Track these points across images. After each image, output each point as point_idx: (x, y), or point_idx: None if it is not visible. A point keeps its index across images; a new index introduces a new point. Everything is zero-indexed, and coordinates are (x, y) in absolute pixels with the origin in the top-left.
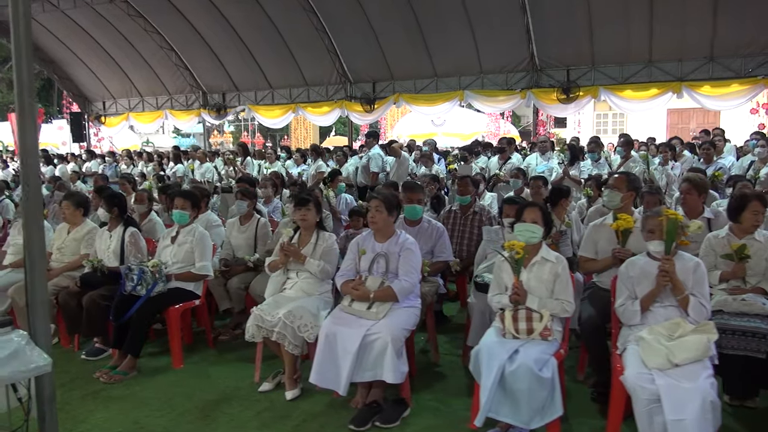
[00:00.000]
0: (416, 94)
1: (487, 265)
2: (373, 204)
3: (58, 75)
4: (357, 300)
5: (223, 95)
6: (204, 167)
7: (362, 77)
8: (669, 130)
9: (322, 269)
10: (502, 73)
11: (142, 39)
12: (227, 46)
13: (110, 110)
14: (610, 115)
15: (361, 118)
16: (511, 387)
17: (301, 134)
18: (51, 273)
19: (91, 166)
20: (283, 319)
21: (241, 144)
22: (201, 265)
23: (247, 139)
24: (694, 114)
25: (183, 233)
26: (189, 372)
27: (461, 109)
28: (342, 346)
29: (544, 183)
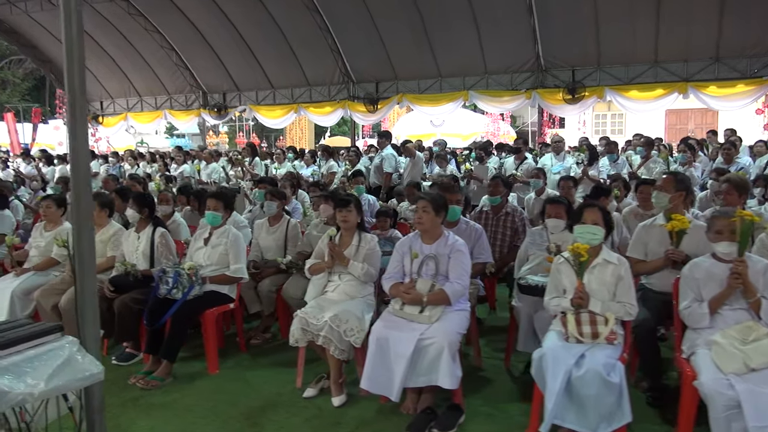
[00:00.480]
0: (420, 94)
1: (530, 267)
2: (420, 205)
3: (54, 74)
4: (409, 303)
5: (223, 95)
6: (210, 167)
7: (365, 77)
8: (667, 131)
9: (366, 272)
10: (507, 73)
11: (142, 38)
12: (228, 45)
13: (108, 110)
14: (609, 116)
15: (364, 118)
16: (578, 393)
17: (296, 134)
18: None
19: (92, 166)
20: (329, 323)
21: (250, 144)
22: (236, 267)
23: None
24: (693, 114)
25: (216, 235)
26: (226, 377)
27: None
28: (394, 351)
29: (574, 183)
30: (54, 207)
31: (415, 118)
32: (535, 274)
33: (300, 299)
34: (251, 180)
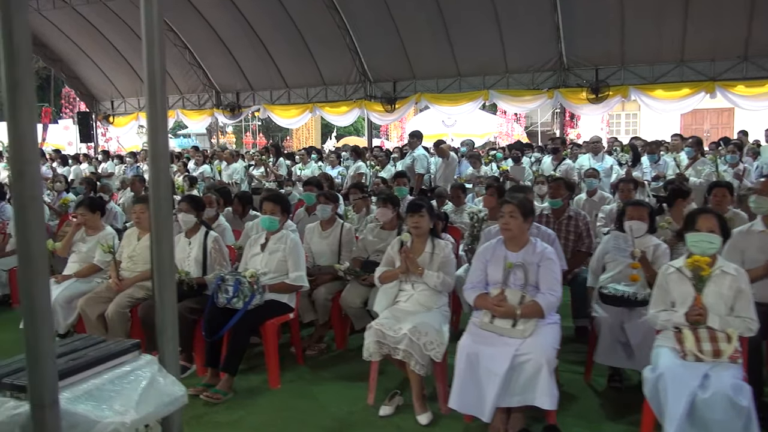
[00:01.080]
0: (439, 93)
1: (612, 275)
2: (506, 209)
3: (65, 73)
4: (500, 317)
5: (237, 94)
6: (231, 168)
7: (382, 76)
8: (683, 131)
9: (443, 282)
10: (528, 72)
11: None
12: (243, 44)
13: (119, 110)
14: (623, 116)
15: (381, 118)
16: (703, 417)
17: (303, 134)
18: (123, 283)
19: (107, 167)
20: (409, 336)
21: (274, 144)
22: (296, 275)
23: (249, 140)
24: (708, 115)
25: (273, 240)
26: (290, 393)
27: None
28: (486, 368)
29: (635, 185)
30: (89, 213)
31: (426, 118)
32: (617, 282)
33: (359, 308)
34: (275, 181)
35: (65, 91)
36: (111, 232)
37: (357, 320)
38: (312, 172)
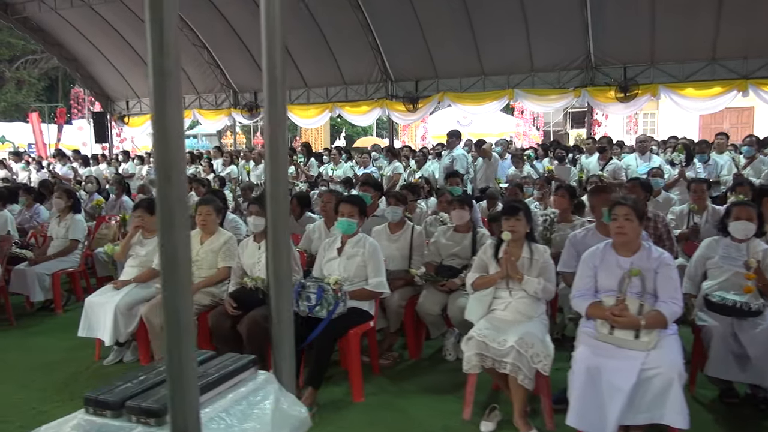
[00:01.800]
0: (462, 92)
1: (719, 282)
2: (621, 212)
3: (80, 73)
4: (621, 328)
5: (254, 94)
6: (260, 169)
7: (404, 75)
8: (701, 131)
9: (544, 288)
10: (554, 71)
11: None
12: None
13: (134, 110)
14: (641, 115)
15: (403, 117)
16: None
17: (312, 134)
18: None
19: (128, 167)
20: (517, 348)
21: (305, 144)
22: (377, 281)
23: (260, 140)
24: (728, 114)
25: (351, 244)
26: (377, 407)
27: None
28: (609, 383)
29: (708, 186)
30: (147, 215)
31: (441, 117)
32: (726, 290)
33: (438, 315)
34: (306, 181)
35: (74, 91)
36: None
37: (434, 328)
38: (344, 172)
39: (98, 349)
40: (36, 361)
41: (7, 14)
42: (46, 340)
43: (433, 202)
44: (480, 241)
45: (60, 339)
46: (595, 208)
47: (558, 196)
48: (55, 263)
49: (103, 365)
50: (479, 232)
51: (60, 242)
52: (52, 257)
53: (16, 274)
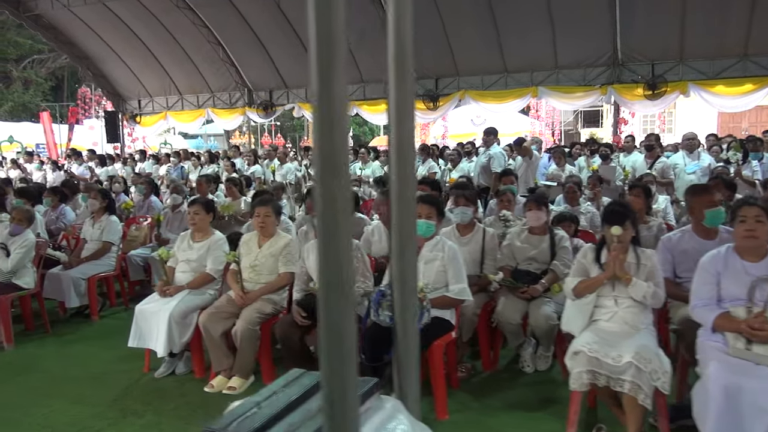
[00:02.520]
0: (484, 90)
1: None
2: (749, 213)
3: (92, 72)
4: (760, 342)
5: (270, 93)
6: (285, 168)
7: (425, 73)
8: (720, 129)
9: (654, 294)
10: (579, 68)
11: (188, 33)
12: (280, 40)
13: (146, 109)
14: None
15: (424, 116)
16: None
17: None
18: (248, 296)
19: (145, 167)
20: (636, 364)
21: None
22: (459, 287)
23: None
24: (747, 112)
25: (428, 248)
26: (465, 426)
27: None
28: (753, 404)
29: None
30: (203, 213)
31: (455, 116)
32: None
33: (518, 324)
34: None
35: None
36: (221, 236)
37: (513, 338)
38: (373, 171)
39: (148, 360)
40: (81, 373)
41: (19, 11)
42: (87, 350)
43: None
44: (559, 244)
45: (101, 348)
46: (694, 209)
47: (633, 196)
48: (90, 267)
49: (155, 378)
50: (558, 234)
51: (94, 245)
52: (86, 260)
53: (50, 279)
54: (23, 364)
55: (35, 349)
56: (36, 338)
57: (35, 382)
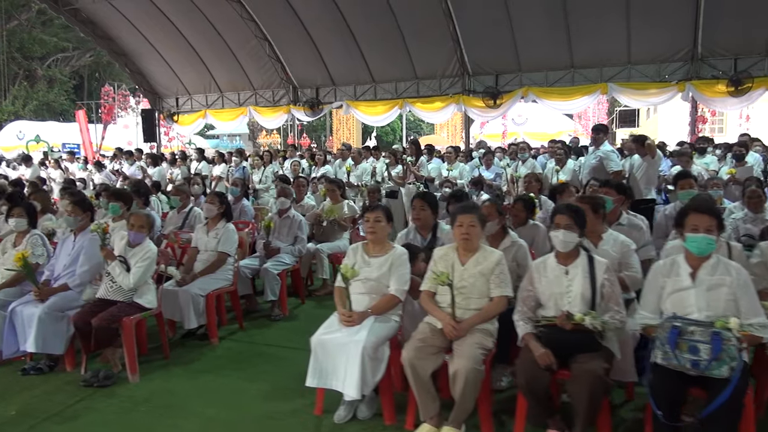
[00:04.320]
0: (548, 87)
1: None
2: None
3: (129, 69)
4: None
5: (316, 90)
6: (360, 168)
7: (484, 69)
8: None
9: None
10: (654, 63)
11: (234, 27)
12: (330, 36)
13: (184, 107)
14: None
15: (482, 114)
16: None
17: (343, 134)
18: (461, 326)
19: (201, 167)
20: None
21: (414, 141)
22: (760, 322)
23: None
24: None
25: (707, 269)
26: None
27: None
28: None
29: None
30: (385, 221)
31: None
32: None
33: None
34: (415, 183)
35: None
36: (403, 251)
37: None
38: (460, 173)
39: (321, 401)
40: (236, 415)
41: (58, 5)
42: (226, 382)
43: None
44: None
45: (242, 380)
46: None
47: None
48: (208, 281)
49: (335, 423)
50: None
51: (209, 255)
52: (200, 274)
53: (166, 296)
54: (160, 402)
55: (163, 380)
56: (156, 366)
57: (187, 426)
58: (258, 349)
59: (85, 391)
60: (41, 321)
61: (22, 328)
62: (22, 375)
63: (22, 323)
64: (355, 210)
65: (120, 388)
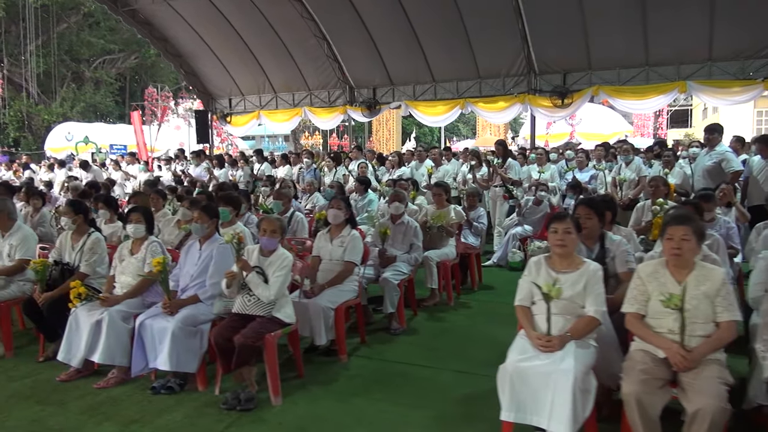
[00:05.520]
0: (621, 86)
1: None
2: None
3: (184, 70)
4: None
5: (373, 90)
6: (442, 170)
7: (551, 67)
8: None
9: None
10: (737, 60)
11: (292, 27)
12: (391, 35)
13: (237, 108)
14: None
15: (549, 114)
16: None
17: (383, 135)
18: (692, 356)
19: (264, 169)
20: None
21: (501, 141)
22: None
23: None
24: None
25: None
26: None
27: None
28: None
29: None
30: (574, 233)
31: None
32: None
33: None
34: (502, 185)
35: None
36: (597, 266)
37: None
38: (551, 175)
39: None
40: None
41: (117, 6)
42: (381, 408)
43: None
44: None
45: (393, 405)
46: None
47: None
48: (336, 293)
49: None
50: None
51: (333, 265)
52: (327, 285)
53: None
54: (317, 430)
55: (307, 404)
56: (293, 386)
57: None
58: (393, 368)
59: (229, 415)
60: (174, 336)
61: (152, 344)
62: (152, 394)
63: (152, 338)
64: (462, 215)
65: (264, 412)
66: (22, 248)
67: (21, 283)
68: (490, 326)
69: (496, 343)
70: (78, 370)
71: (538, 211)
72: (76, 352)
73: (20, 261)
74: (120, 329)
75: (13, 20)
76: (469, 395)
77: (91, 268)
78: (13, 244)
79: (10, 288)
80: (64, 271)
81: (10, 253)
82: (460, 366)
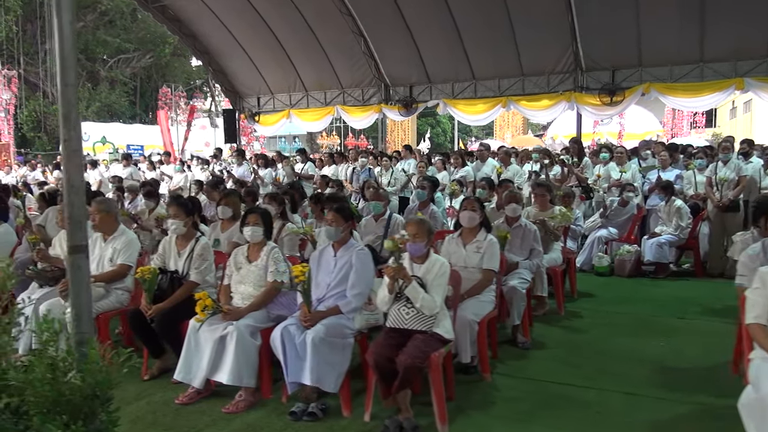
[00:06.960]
0: (673, 83)
1: None
2: None
3: (212, 67)
4: None
5: (410, 88)
6: (511, 170)
7: (600, 64)
8: None
9: None
10: None
11: (328, 23)
12: (432, 31)
13: (266, 107)
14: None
15: (597, 112)
16: None
17: (398, 135)
18: None
19: (308, 168)
20: None
21: (576, 140)
22: None
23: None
24: None
25: None
26: None
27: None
28: None
29: None
30: None
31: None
32: None
33: None
34: (579, 186)
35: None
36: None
37: None
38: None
39: None
40: None
41: (147, 2)
42: None
43: None
44: None
45: None
46: None
47: None
48: (477, 305)
49: None
50: None
51: (469, 273)
52: (466, 295)
53: None
54: None
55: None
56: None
57: None
58: (546, 389)
59: None
60: (316, 348)
61: (295, 358)
62: (292, 420)
63: (295, 351)
64: (569, 218)
65: None
66: (126, 253)
67: (119, 292)
68: (622, 339)
69: (644, 360)
70: (198, 391)
71: (624, 212)
72: (197, 371)
73: (122, 266)
74: (249, 346)
75: (29, 19)
76: (658, 423)
77: (201, 277)
78: (117, 248)
79: (109, 298)
80: (173, 279)
81: (113, 257)
82: (621, 387)
